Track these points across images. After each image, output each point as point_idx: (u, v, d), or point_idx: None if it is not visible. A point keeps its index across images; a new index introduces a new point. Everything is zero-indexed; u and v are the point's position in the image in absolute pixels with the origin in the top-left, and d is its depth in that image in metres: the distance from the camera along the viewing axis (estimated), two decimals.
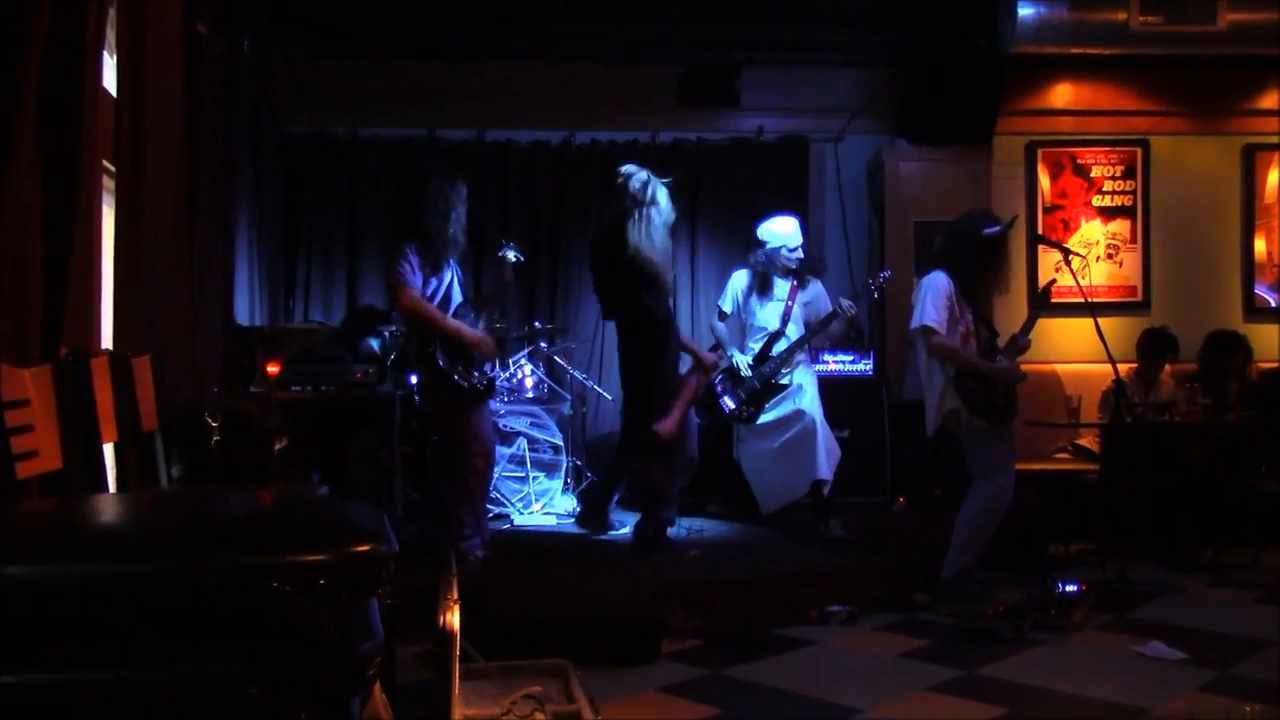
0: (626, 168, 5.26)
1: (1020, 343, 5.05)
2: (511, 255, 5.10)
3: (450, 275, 4.81)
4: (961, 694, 3.76)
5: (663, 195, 5.14)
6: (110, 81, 3.70)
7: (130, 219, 3.69)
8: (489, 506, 5.97)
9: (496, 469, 6.20)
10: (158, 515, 1.87)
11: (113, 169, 3.70)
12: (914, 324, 4.86)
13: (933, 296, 4.83)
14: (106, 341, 3.53)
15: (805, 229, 6.25)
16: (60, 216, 2.95)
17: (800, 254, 5.97)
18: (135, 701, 1.36)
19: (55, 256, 2.91)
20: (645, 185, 5.12)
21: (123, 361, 3.12)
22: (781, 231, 5.94)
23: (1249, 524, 5.94)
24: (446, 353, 4.66)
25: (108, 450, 2.93)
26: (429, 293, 4.68)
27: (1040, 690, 3.79)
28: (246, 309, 5.71)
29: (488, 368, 4.84)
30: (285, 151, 7.11)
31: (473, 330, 4.75)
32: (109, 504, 2.11)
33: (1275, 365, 6.91)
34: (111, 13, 3.55)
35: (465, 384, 4.67)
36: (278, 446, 4.17)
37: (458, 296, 4.84)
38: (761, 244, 5.96)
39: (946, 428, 4.92)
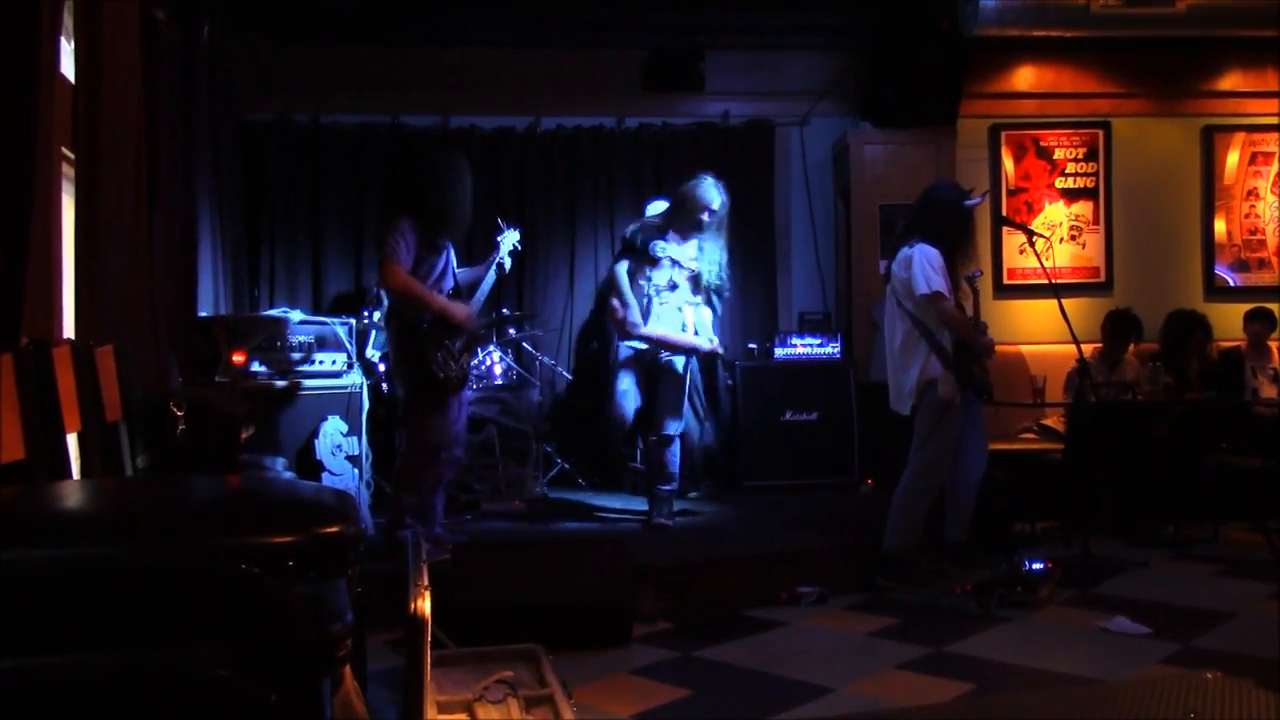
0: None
1: (979, 324, 5.10)
2: (510, 242, 5.07)
3: (446, 257, 4.75)
4: (930, 671, 3.80)
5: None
6: (68, 68, 3.64)
7: (90, 207, 3.64)
8: (459, 495, 5.97)
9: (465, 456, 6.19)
10: (125, 500, 1.85)
11: (72, 156, 3.65)
12: (921, 290, 4.78)
13: (932, 264, 4.81)
14: (68, 331, 3.48)
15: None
16: (18, 203, 2.90)
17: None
18: (103, 685, 1.35)
19: (14, 244, 2.86)
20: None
21: (85, 351, 3.08)
22: None
23: (1209, 499, 6.05)
24: (432, 341, 4.62)
25: (71, 441, 2.90)
26: (423, 272, 4.59)
27: (1007, 666, 3.83)
28: (211, 297, 5.65)
29: (465, 358, 4.79)
30: (246, 139, 7.03)
31: (461, 306, 4.72)
32: (75, 490, 2.09)
33: (1235, 344, 7.01)
34: None
35: (443, 375, 4.63)
36: (244, 435, 4.14)
37: (450, 280, 4.79)
38: None
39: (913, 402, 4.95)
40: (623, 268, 5.72)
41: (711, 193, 5.60)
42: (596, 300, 7.23)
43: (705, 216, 5.57)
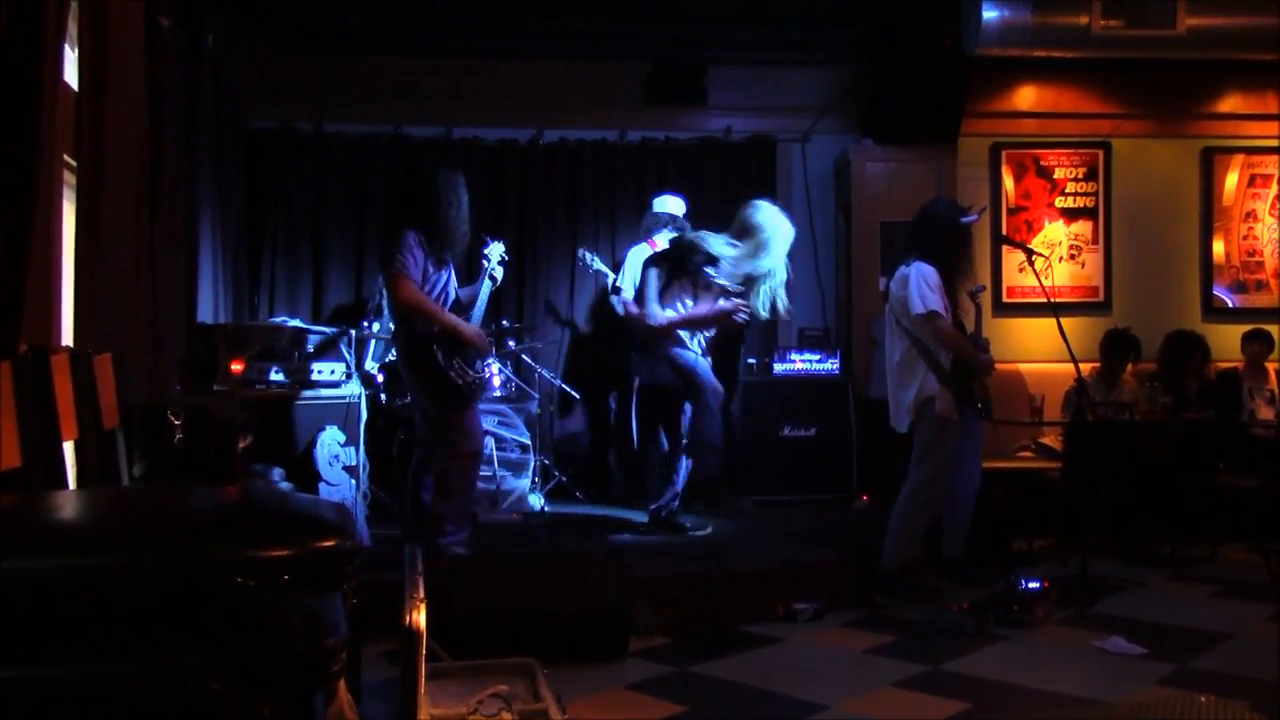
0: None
1: (980, 341, 5.11)
2: (497, 254, 5.06)
3: (449, 272, 4.76)
4: (926, 689, 3.79)
5: None
6: (72, 75, 3.65)
7: (91, 214, 3.64)
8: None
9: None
10: (120, 510, 1.85)
11: (74, 164, 3.65)
12: (917, 310, 4.79)
13: (928, 283, 4.81)
14: (67, 338, 3.48)
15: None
16: (19, 210, 2.91)
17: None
18: (98, 696, 1.35)
19: (14, 251, 2.86)
20: None
21: (84, 358, 3.08)
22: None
23: (1207, 519, 6.04)
24: (444, 350, 4.62)
25: (68, 449, 2.90)
26: (428, 287, 4.60)
27: (1003, 685, 3.82)
28: (211, 306, 5.65)
29: (480, 366, 4.81)
30: (249, 147, 7.04)
31: (470, 326, 4.72)
32: (70, 500, 2.08)
33: (1232, 365, 7.01)
34: (73, 5, 3.51)
35: (460, 382, 4.64)
36: (241, 444, 4.14)
37: (452, 295, 4.80)
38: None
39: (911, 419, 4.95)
40: (654, 273, 5.66)
41: (772, 229, 5.52)
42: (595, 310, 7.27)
43: (765, 255, 5.50)
